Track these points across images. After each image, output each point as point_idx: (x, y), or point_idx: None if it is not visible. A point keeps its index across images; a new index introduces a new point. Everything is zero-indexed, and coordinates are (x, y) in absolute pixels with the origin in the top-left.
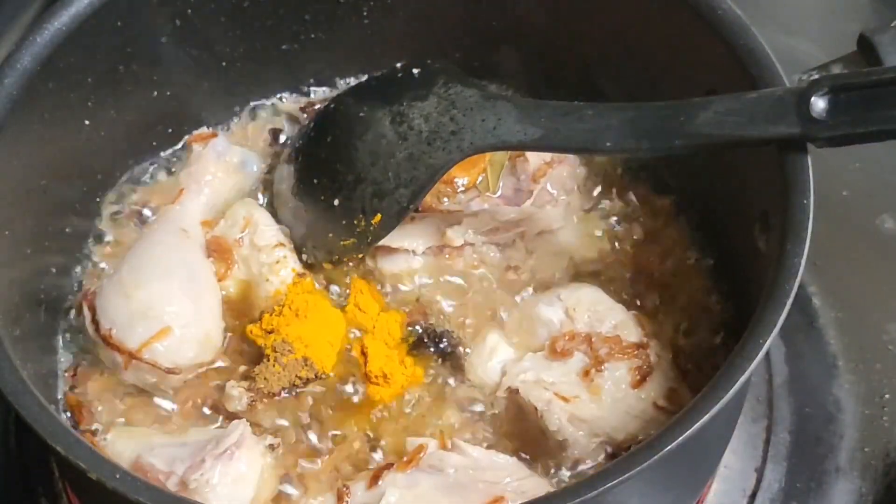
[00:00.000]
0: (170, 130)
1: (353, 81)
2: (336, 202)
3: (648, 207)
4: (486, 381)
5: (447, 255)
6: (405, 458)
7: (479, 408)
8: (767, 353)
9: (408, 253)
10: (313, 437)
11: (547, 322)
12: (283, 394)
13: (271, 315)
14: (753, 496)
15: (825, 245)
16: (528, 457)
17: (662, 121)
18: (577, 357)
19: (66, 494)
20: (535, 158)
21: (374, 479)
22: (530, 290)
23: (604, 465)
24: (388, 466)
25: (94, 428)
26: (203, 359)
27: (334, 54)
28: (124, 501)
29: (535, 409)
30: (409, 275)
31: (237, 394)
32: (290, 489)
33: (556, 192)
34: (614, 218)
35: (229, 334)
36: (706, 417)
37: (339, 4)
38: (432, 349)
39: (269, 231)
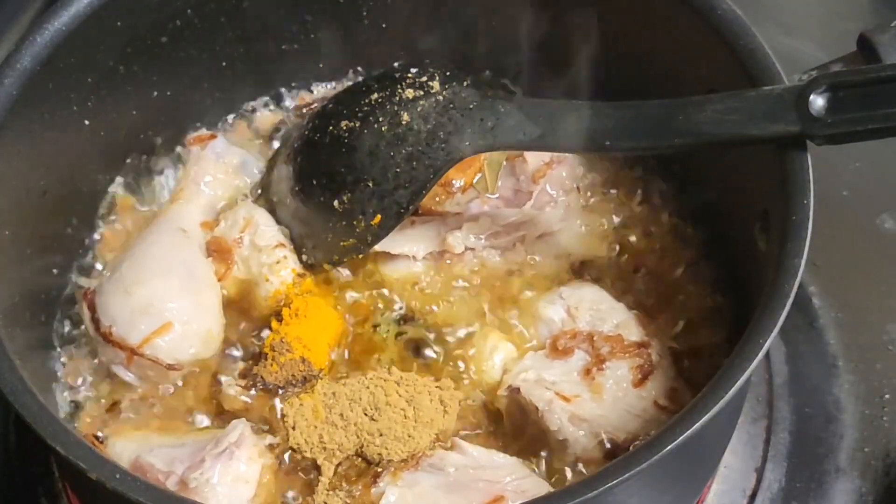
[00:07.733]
0: (169, 131)
1: (351, 81)
2: (335, 203)
3: (648, 207)
4: (487, 379)
5: (448, 261)
6: (405, 458)
7: (479, 407)
8: (767, 353)
9: (409, 259)
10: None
11: (548, 321)
12: (279, 392)
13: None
14: (753, 496)
15: (825, 245)
16: (527, 456)
17: (661, 120)
18: (578, 356)
19: (66, 494)
20: (533, 159)
21: (374, 478)
22: (532, 292)
23: (604, 465)
24: (389, 466)
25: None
26: (204, 355)
27: (333, 54)
28: (124, 501)
29: (536, 408)
30: (410, 280)
31: (234, 392)
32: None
33: (555, 192)
34: (614, 218)
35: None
36: (706, 417)
37: (339, 5)
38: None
39: (269, 231)
